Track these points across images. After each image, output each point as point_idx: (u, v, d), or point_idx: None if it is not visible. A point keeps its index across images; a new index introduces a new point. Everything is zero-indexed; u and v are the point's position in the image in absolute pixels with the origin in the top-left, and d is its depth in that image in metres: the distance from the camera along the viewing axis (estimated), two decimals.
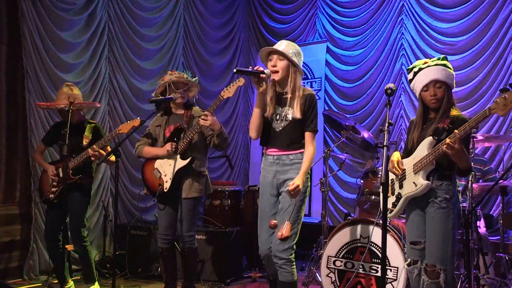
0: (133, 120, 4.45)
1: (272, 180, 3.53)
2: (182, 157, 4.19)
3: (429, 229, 3.16)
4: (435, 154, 3.05)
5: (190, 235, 4.24)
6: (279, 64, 3.42)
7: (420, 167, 3.14)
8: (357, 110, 7.08)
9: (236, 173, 8.13)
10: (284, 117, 3.46)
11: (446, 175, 3.17)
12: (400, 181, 3.32)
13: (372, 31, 7.10)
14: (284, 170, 3.48)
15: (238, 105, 8.16)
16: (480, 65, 6.18)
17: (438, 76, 3.19)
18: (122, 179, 6.36)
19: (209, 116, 3.98)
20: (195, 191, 4.21)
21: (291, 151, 3.47)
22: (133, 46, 6.53)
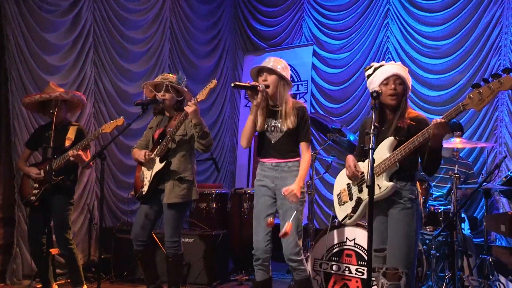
0: (116, 119, 4.40)
1: (270, 185, 3.71)
2: (161, 161, 4.15)
3: (392, 231, 3.06)
4: (409, 147, 2.94)
5: (173, 241, 4.18)
6: (269, 78, 3.66)
7: (384, 169, 3.03)
8: (343, 112, 7.10)
9: (223, 175, 8.10)
10: (279, 129, 3.67)
11: (409, 176, 3.11)
12: (359, 185, 3.23)
13: (358, 35, 7.13)
14: (282, 176, 3.67)
15: (224, 108, 8.14)
16: (464, 69, 6.22)
17: (400, 72, 3.12)
18: (108, 182, 6.31)
19: (194, 103, 3.96)
20: (176, 196, 4.13)
21: (288, 159, 3.68)
22: (119, 48, 6.49)
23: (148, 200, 4.24)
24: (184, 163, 4.21)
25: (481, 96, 2.67)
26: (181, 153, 4.21)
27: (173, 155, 4.20)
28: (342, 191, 3.37)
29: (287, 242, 3.63)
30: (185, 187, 4.17)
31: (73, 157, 4.36)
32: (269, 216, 3.66)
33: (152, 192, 4.20)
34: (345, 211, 3.32)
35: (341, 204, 3.37)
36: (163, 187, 4.18)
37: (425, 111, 6.36)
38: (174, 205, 4.13)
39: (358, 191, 3.23)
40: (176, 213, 4.16)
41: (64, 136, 4.53)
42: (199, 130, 4.02)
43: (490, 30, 6.08)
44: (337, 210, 3.42)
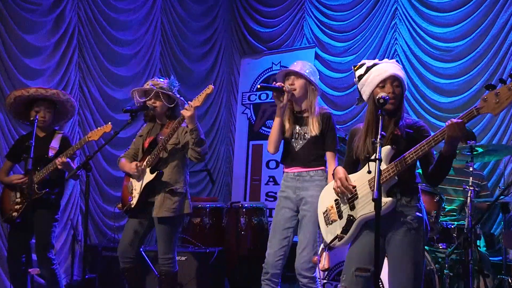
0: (103, 126, 4.38)
1: (291, 196, 3.76)
2: (152, 171, 4.14)
3: (397, 257, 2.92)
4: (412, 157, 2.80)
5: (166, 258, 4.16)
6: (297, 82, 3.75)
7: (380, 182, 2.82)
8: (348, 120, 7.09)
9: (218, 188, 8.07)
10: (303, 136, 3.76)
11: (412, 188, 2.98)
12: (350, 201, 3.04)
13: (363, 36, 7.13)
14: (304, 186, 3.73)
15: (220, 115, 8.13)
16: (478, 73, 6.21)
17: (398, 72, 2.99)
18: (93, 195, 6.29)
19: (193, 107, 3.96)
20: (167, 210, 4.10)
21: (311, 168, 3.74)
22: (105, 51, 6.48)
23: (137, 214, 4.22)
24: (176, 174, 4.19)
25: (498, 98, 2.52)
26: (173, 163, 4.19)
27: (164, 165, 4.18)
28: (330, 208, 3.17)
29: (301, 256, 3.66)
30: (176, 200, 4.14)
31: (61, 165, 4.32)
32: (286, 231, 3.72)
33: (141, 205, 4.17)
34: (334, 231, 3.12)
35: (329, 224, 3.17)
36: (153, 200, 4.17)
37: (436, 118, 6.35)
38: (165, 219, 4.11)
39: (349, 208, 3.05)
40: (168, 227, 4.14)
41: (47, 145, 4.50)
42: (195, 136, 4.01)
43: (507, 31, 6.06)
44: (324, 230, 3.21)
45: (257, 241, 5.79)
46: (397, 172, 2.86)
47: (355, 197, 3.03)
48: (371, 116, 3.01)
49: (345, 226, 3.05)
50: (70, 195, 5.97)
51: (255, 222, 5.88)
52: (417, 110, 6.53)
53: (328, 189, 3.27)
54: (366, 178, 2.98)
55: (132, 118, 4.14)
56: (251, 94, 8.04)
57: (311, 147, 3.75)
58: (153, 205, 4.16)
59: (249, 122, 7.99)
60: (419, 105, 6.55)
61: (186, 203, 4.22)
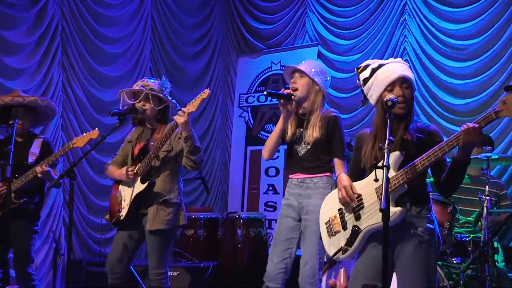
0: (90, 132, 4.37)
1: (294, 204, 3.77)
2: (143, 181, 4.13)
3: (408, 273, 2.89)
4: (423, 163, 2.78)
5: (158, 273, 4.14)
6: (299, 81, 3.78)
7: (389, 191, 2.79)
8: (353, 124, 7.09)
9: (213, 197, 8.05)
10: (306, 140, 3.76)
11: (423, 198, 2.98)
12: (355, 210, 3.04)
13: (370, 34, 7.13)
14: (307, 194, 3.73)
15: (215, 118, 8.13)
16: (495, 73, 6.20)
17: (406, 73, 2.98)
18: (78, 205, 6.26)
19: (187, 113, 3.93)
20: (161, 222, 4.08)
21: (315, 174, 3.74)
22: (91, 49, 6.47)
23: (126, 226, 4.20)
24: (170, 183, 4.17)
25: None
26: (166, 172, 4.17)
27: (157, 174, 4.16)
28: (333, 219, 3.17)
29: (304, 270, 3.65)
30: (171, 211, 4.11)
31: (41, 174, 4.32)
32: (288, 242, 3.71)
33: (131, 217, 4.16)
34: (337, 243, 3.10)
35: (332, 235, 3.16)
36: (145, 211, 4.14)
37: (449, 122, 6.35)
38: (158, 231, 4.10)
39: (354, 218, 3.04)
40: (161, 240, 4.12)
41: (27, 150, 4.49)
42: (190, 144, 3.99)
43: None
44: (326, 242, 3.19)
45: (256, 255, 5.77)
46: (406, 180, 2.85)
47: (361, 206, 3.02)
48: (379, 121, 3.00)
49: (350, 238, 3.03)
50: (52, 205, 5.96)
51: (253, 234, 5.86)
52: (429, 113, 6.53)
53: (331, 198, 3.26)
54: (373, 186, 2.97)
55: (120, 121, 4.12)
56: (249, 96, 8.04)
57: (315, 152, 3.74)
58: (143, 217, 4.14)
59: (247, 126, 7.98)
60: (431, 108, 6.55)
61: (180, 214, 4.20)
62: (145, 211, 4.13)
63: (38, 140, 4.58)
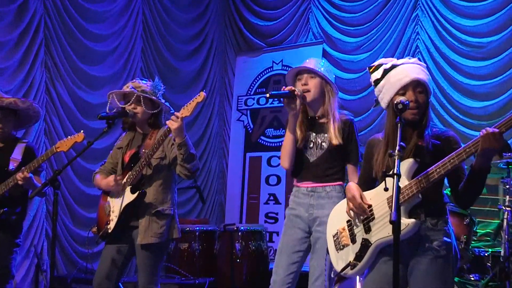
0: (75, 135, 4.36)
1: (303, 215, 3.72)
2: (133, 190, 4.12)
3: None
4: (439, 172, 2.76)
5: None
6: (311, 82, 3.70)
7: (401, 201, 2.84)
8: (362, 128, 7.08)
9: (209, 208, 8.05)
10: (319, 145, 3.71)
11: (439, 209, 2.96)
12: (365, 222, 3.04)
13: (379, 30, 7.14)
14: (319, 204, 3.68)
15: (211, 123, 8.13)
16: None
17: (421, 75, 2.96)
18: (62, 217, 6.25)
19: (180, 118, 3.92)
20: (153, 235, 4.06)
21: (328, 183, 3.69)
22: (77, 47, 6.47)
23: (115, 239, 4.19)
24: (163, 193, 4.15)
25: None
26: (159, 181, 4.15)
27: (149, 184, 4.14)
28: (341, 231, 3.17)
29: (314, 286, 3.61)
30: (164, 224, 4.10)
31: (22, 181, 4.31)
32: (296, 255, 3.68)
33: (120, 230, 4.15)
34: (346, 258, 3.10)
35: (339, 249, 3.17)
36: (135, 224, 4.13)
37: (466, 126, 6.33)
38: (149, 245, 4.10)
39: (364, 231, 3.04)
40: (152, 255, 4.10)
41: (8, 156, 4.49)
42: (184, 151, 3.98)
43: None
44: (333, 256, 3.19)
45: (255, 271, 5.77)
46: (420, 189, 2.83)
47: (371, 218, 3.01)
48: (390, 126, 2.99)
49: (359, 252, 3.03)
50: (34, 216, 5.94)
51: (252, 248, 5.85)
52: (444, 117, 6.52)
53: (339, 209, 3.25)
54: (384, 196, 2.95)
55: (109, 126, 4.11)
56: (248, 98, 8.04)
57: (330, 158, 3.70)
58: (134, 229, 4.13)
59: (246, 131, 7.98)
60: (446, 111, 6.54)
61: (174, 227, 4.19)
62: (136, 223, 4.13)
63: (20, 145, 4.57)
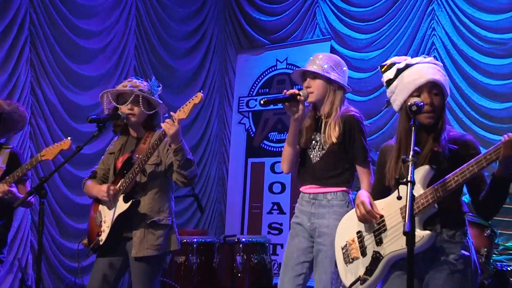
0: (61, 142, 4.36)
1: (306, 224, 3.75)
2: (126, 199, 4.12)
3: None
4: (457, 180, 2.75)
5: None
6: (313, 84, 3.76)
7: (416, 212, 2.82)
8: (373, 132, 7.06)
9: (208, 218, 8.05)
10: (321, 145, 3.76)
11: (457, 220, 2.95)
12: (376, 234, 3.04)
13: (392, 26, 7.13)
14: (319, 213, 3.70)
15: (210, 126, 8.13)
16: None
17: (437, 76, 2.96)
18: (49, 228, 6.25)
19: (177, 121, 3.91)
20: (149, 247, 4.05)
21: (329, 187, 3.71)
22: (65, 44, 6.48)
23: (107, 252, 4.19)
24: (159, 202, 4.14)
25: None
26: (154, 189, 4.14)
27: (144, 192, 4.13)
28: (350, 243, 3.17)
29: None
30: (161, 234, 4.08)
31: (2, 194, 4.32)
32: (301, 266, 3.69)
33: (113, 242, 4.15)
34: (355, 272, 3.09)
35: (349, 262, 3.16)
36: (129, 235, 4.13)
37: (485, 129, 6.31)
38: (146, 258, 4.10)
39: (375, 243, 3.03)
40: (148, 269, 4.09)
41: None
42: (181, 157, 3.97)
43: None
44: (342, 270, 3.19)
45: (258, 286, 5.77)
46: (436, 198, 2.82)
47: (383, 229, 3.00)
48: (403, 129, 2.99)
49: (370, 266, 3.02)
50: (18, 227, 5.94)
51: (255, 261, 5.86)
52: (462, 119, 6.51)
53: (349, 218, 3.25)
54: (397, 206, 2.94)
55: (100, 129, 4.09)
56: (250, 99, 8.05)
57: (330, 158, 3.71)
58: (127, 241, 4.13)
59: (248, 134, 7.98)
60: (464, 113, 6.53)
61: (172, 238, 4.17)
62: (130, 234, 4.12)
63: (4, 152, 4.57)
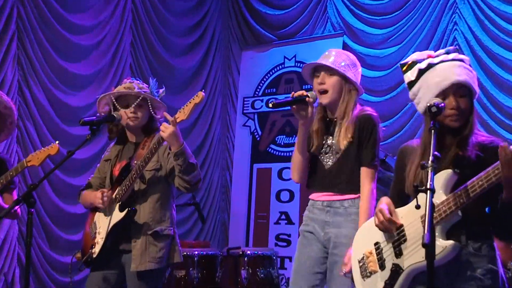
0: (48, 146, 4.36)
1: (319, 233, 3.70)
2: (122, 208, 4.12)
3: None
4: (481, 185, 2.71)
5: None
6: (329, 81, 3.71)
7: (437, 220, 2.83)
8: (389, 135, 7.06)
9: (210, 228, 8.06)
10: (335, 149, 3.71)
11: (484, 230, 2.92)
12: (396, 245, 3.03)
13: (410, 20, 7.12)
14: (335, 221, 3.66)
15: (212, 128, 8.13)
16: None
17: (462, 77, 2.94)
18: (37, 240, 6.25)
19: (173, 121, 3.90)
20: (151, 260, 4.02)
21: (346, 194, 3.67)
22: (56, 41, 6.48)
23: (101, 266, 4.19)
24: (160, 210, 4.12)
25: None
26: (155, 197, 4.12)
27: (143, 200, 4.11)
28: (368, 255, 3.16)
29: None
30: (163, 246, 4.08)
31: None
32: (315, 277, 3.66)
33: (107, 254, 4.15)
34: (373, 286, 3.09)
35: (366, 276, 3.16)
36: (126, 247, 4.11)
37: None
38: (146, 273, 4.10)
39: (394, 254, 3.02)
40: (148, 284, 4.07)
41: None
42: (182, 161, 3.96)
43: None
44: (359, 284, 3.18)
45: None
46: (460, 205, 2.80)
47: (403, 239, 2.99)
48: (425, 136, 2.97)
49: (389, 280, 3.01)
50: (4, 239, 5.93)
51: (261, 276, 5.86)
52: (486, 121, 6.47)
53: (366, 229, 3.25)
54: (418, 214, 2.92)
55: (93, 132, 4.07)
56: (256, 100, 8.05)
57: (346, 162, 3.67)
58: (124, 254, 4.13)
59: (253, 138, 7.98)
60: (489, 114, 6.51)
61: (175, 249, 4.15)
62: (127, 246, 4.11)
63: None
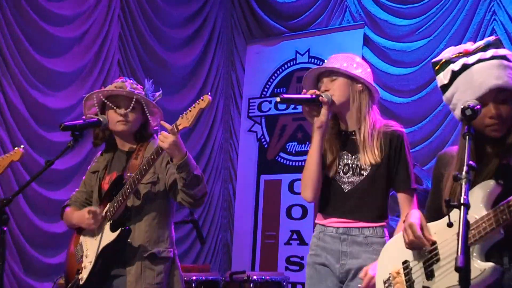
0: (11, 152, 4.33)
1: (333, 265, 3.65)
2: (113, 228, 4.12)
3: None
4: None
5: None
6: (332, 85, 3.67)
7: (476, 238, 2.83)
8: (417, 142, 7.07)
9: (210, 249, 8.07)
10: (357, 169, 3.65)
11: None
12: (427, 265, 3.05)
13: (442, 9, 7.12)
14: (354, 252, 3.61)
15: (213, 135, 8.14)
16: None
17: (501, 80, 2.91)
18: (10, 263, 6.25)
19: (172, 134, 3.88)
20: (148, 286, 4.03)
21: (367, 222, 3.62)
22: (32, 33, 6.49)
23: None
24: (158, 229, 4.10)
25: None
26: (152, 214, 4.11)
27: (138, 218, 4.09)
28: (394, 276, 3.17)
29: None
30: (161, 270, 4.06)
31: None
32: None
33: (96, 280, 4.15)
34: None
35: None
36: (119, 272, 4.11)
37: None
38: None
39: (425, 276, 3.03)
40: None
41: None
42: (187, 174, 3.93)
43: None
44: None
45: None
46: (502, 222, 2.77)
47: (435, 258, 3.00)
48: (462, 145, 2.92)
49: None
50: None
51: None
52: None
53: (392, 246, 3.28)
54: (454, 231, 2.83)
55: (75, 138, 4.04)
56: (263, 101, 8.05)
57: (371, 186, 3.63)
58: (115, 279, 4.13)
59: (260, 145, 7.98)
60: None
61: (175, 274, 4.15)
62: (120, 271, 4.10)
63: None
